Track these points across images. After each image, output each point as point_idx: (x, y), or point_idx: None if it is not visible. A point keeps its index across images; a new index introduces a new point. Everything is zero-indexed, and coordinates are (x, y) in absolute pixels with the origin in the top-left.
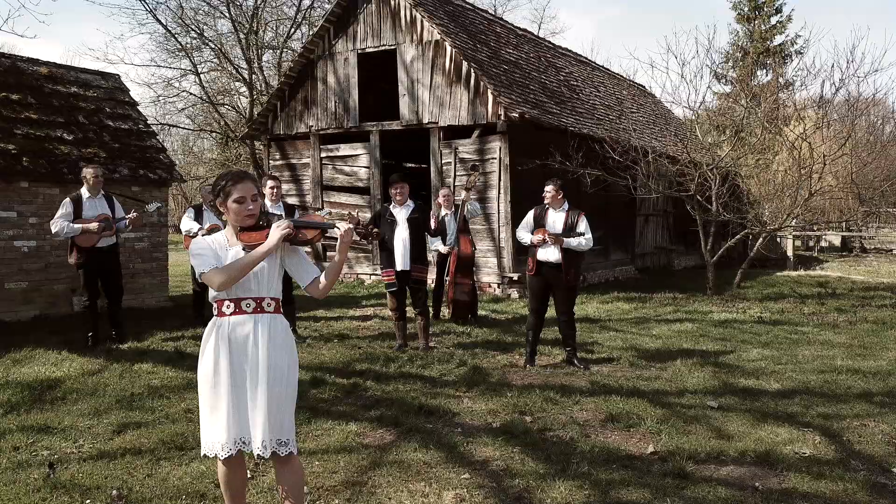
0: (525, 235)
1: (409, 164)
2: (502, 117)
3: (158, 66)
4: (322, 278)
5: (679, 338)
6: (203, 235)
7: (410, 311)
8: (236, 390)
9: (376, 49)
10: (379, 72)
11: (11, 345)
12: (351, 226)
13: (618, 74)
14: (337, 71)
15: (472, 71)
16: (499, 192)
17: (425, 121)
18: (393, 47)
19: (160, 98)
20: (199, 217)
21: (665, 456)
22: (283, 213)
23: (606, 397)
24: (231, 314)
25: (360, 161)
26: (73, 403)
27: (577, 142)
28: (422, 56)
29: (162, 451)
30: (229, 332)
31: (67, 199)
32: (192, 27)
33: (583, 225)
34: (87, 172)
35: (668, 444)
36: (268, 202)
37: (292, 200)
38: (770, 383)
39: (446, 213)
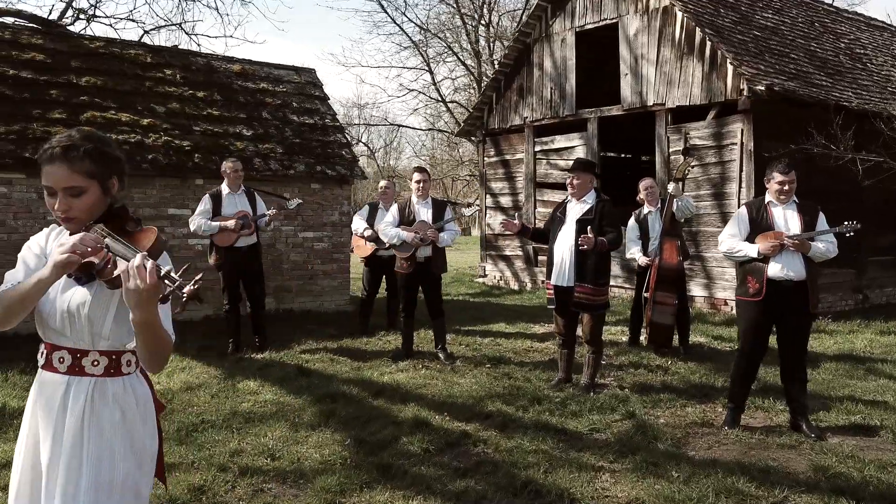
0: (742, 245)
1: (644, 157)
2: (745, 92)
3: (392, 66)
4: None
5: None
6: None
7: None
8: (36, 480)
9: (596, 25)
10: (597, 51)
11: None
12: (138, 261)
13: None
14: (553, 54)
15: (707, 39)
16: (739, 186)
17: (650, 103)
18: (614, 20)
19: (391, 98)
20: (372, 216)
21: None
22: (432, 211)
23: (833, 500)
24: (43, 366)
25: (575, 153)
26: None
27: (841, 118)
28: (647, 27)
29: None
30: (37, 392)
31: (207, 195)
32: (419, 25)
33: (824, 222)
34: (226, 166)
35: None
36: (414, 198)
37: (505, 201)
38: None
39: (649, 211)
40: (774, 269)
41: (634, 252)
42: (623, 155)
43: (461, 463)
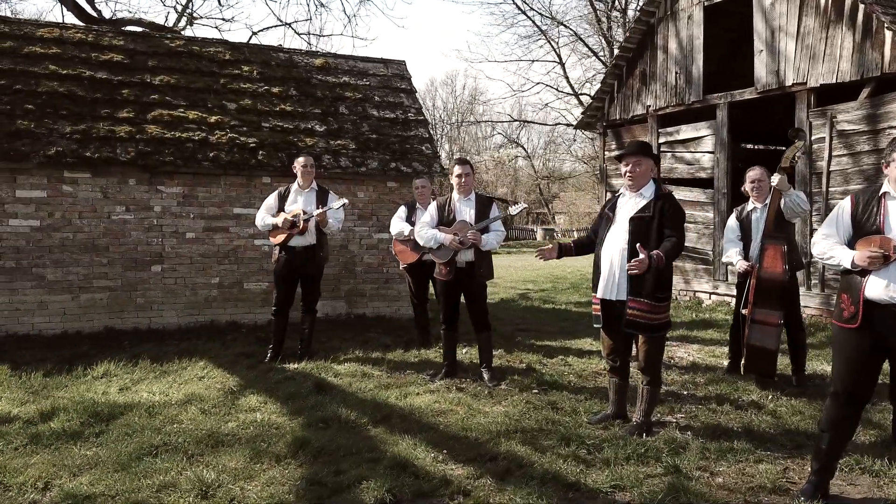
0: (836, 250)
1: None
2: None
3: (520, 59)
4: None
5: None
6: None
7: None
8: None
9: None
10: (727, 27)
11: (192, 352)
12: None
13: None
14: (679, 33)
15: (859, 1)
16: None
17: (789, 82)
18: None
19: (516, 93)
20: (410, 216)
21: None
22: (475, 209)
23: None
24: None
25: (703, 145)
26: (95, 445)
27: None
28: None
29: None
30: None
31: (275, 192)
32: (547, 15)
33: None
34: (297, 162)
35: None
36: (455, 195)
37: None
38: None
39: (754, 208)
40: (876, 289)
41: (732, 255)
42: (761, 146)
43: None
